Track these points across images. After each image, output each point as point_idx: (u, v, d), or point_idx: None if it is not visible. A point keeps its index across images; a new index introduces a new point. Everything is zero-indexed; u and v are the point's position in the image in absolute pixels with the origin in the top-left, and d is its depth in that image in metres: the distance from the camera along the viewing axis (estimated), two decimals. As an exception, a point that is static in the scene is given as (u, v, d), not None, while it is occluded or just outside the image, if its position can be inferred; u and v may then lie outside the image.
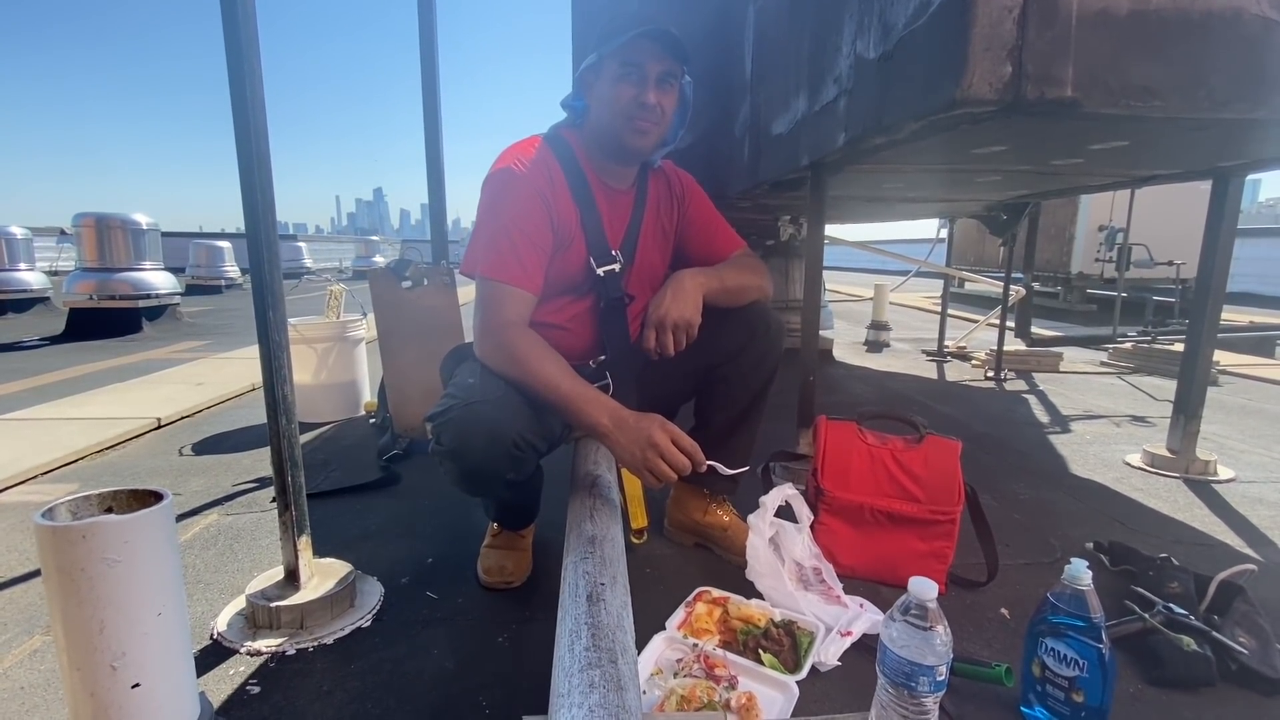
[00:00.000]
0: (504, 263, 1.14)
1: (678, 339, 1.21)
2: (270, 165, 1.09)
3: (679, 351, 1.23)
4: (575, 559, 0.88)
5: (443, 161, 2.64)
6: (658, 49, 1.15)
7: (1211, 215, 1.87)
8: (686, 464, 1.02)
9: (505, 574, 1.31)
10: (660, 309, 1.21)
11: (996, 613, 1.24)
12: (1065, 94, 1.01)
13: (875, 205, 2.99)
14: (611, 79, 1.17)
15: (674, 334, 1.20)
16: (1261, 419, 2.70)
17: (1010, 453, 2.24)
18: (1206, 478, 1.98)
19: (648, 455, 1.02)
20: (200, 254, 9.83)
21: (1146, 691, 1.03)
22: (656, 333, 1.21)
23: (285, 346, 1.11)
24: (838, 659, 1.07)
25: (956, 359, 4.04)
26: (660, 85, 1.18)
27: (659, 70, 1.17)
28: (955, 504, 1.29)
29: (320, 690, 1.00)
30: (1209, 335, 1.97)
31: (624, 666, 0.65)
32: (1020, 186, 2.43)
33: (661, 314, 1.20)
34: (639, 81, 1.16)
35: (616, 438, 1.05)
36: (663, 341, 1.21)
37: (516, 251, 1.14)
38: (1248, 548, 1.54)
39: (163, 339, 5.10)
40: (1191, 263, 2.46)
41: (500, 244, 1.14)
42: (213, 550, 1.47)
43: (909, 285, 7.36)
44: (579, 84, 1.25)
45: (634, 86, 1.16)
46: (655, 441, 1.02)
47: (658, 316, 1.21)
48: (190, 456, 2.14)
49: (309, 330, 2.47)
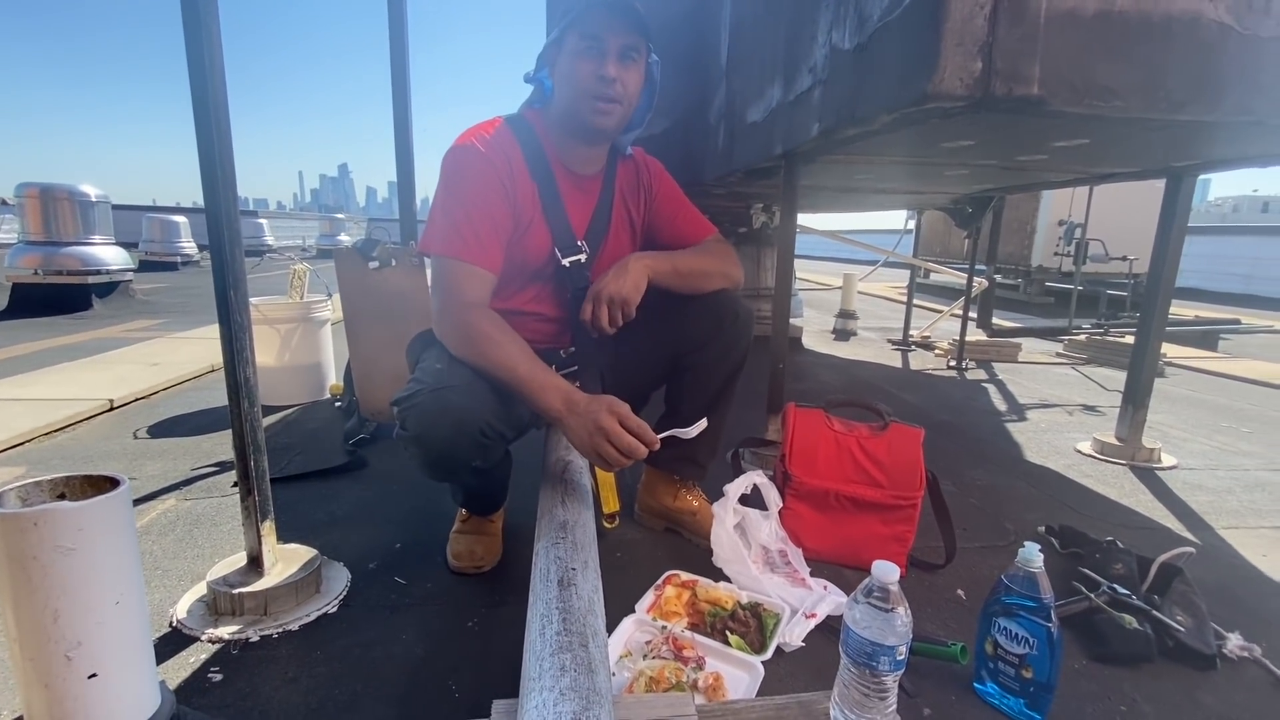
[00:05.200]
0: (462, 241, 1.11)
1: (612, 315, 1.20)
2: (230, 138, 1.05)
3: (616, 328, 1.22)
4: (547, 544, 0.88)
5: (411, 136, 2.56)
6: (617, 22, 1.11)
7: (1164, 212, 1.95)
8: (636, 446, 0.98)
9: (475, 559, 1.31)
10: (599, 284, 1.21)
11: (953, 593, 1.29)
12: (1032, 92, 1.04)
13: (846, 196, 3.03)
14: (571, 53, 1.14)
15: (609, 309, 1.19)
16: (1203, 409, 2.83)
17: (969, 440, 2.31)
18: (1151, 465, 2.08)
19: (595, 440, 0.99)
20: (154, 228, 9.42)
21: (1090, 667, 1.08)
22: (593, 306, 1.20)
23: (247, 327, 1.08)
24: (802, 640, 1.10)
25: (921, 348, 4.13)
26: (622, 59, 1.13)
27: (620, 44, 1.12)
28: (917, 489, 1.33)
29: (285, 677, 0.99)
30: (1158, 329, 2.05)
31: (595, 650, 0.66)
32: (986, 181, 2.48)
33: (599, 288, 1.20)
34: (599, 55, 1.12)
35: (569, 422, 1.02)
36: (597, 315, 1.20)
37: (475, 229, 1.12)
38: (1187, 532, 1.63)
39: (114, 317, 4.90)
40: (1144, 258, 2.55)
41: (458, 222, 1.12)
42: (171, 536, 1.43)
43: (876, 275, 7.48)
44: (542, 60, 1.22)
45: (593, 61, 1.12)
46: (602, 425, 0.98)
47: (594, 290, 1.20)
48: (145, 439, 2.08)
49: (272, 310, 2.40)
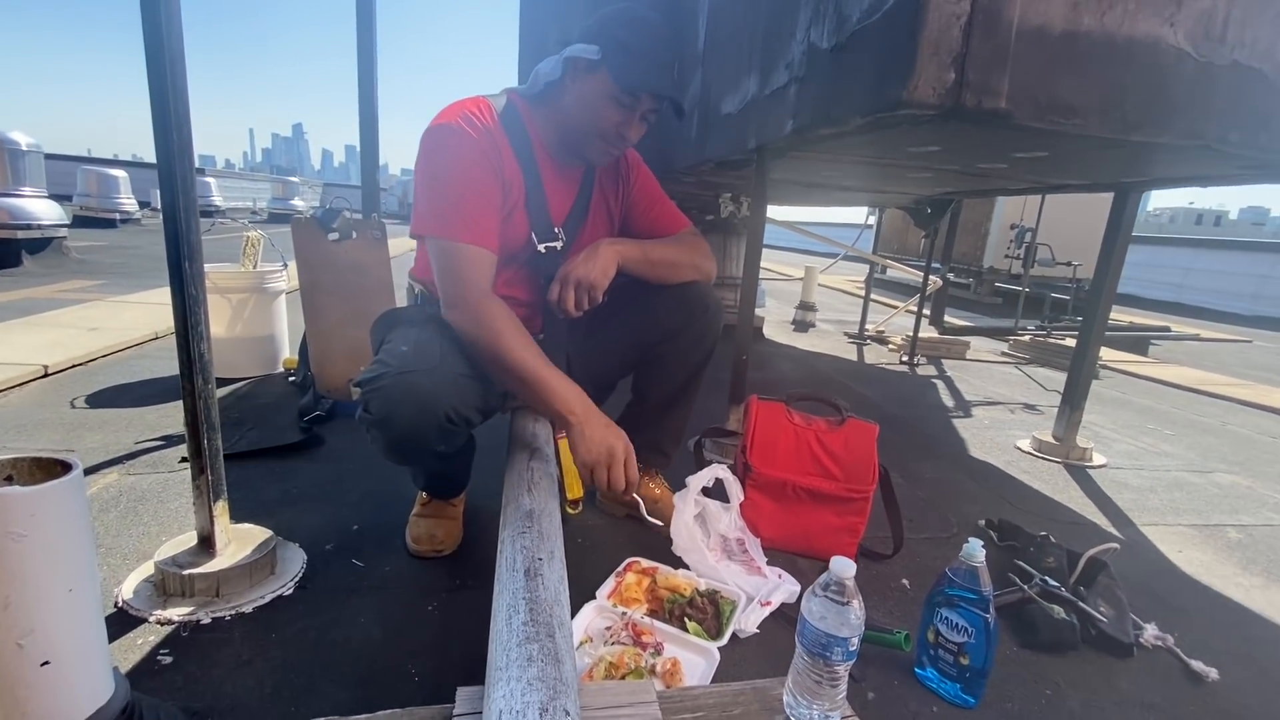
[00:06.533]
0: (463, 222, 1.09)
1: (579, 298, 1.20)
2: (187, 95, 0.99)
3: (582, 312, 1.22)
4: (512, 533, 0.88)
5: (376, 98, 2.47)
6: (660, 90, 1.15)
7: (1110, 225, 2.05)
8: (623, 485, 1.10)
9: (435, 543, 1.30)
10: (567, 266, 1.21)
11: (899, 583, 1.35)
12: (999, 105, 1.08)
13: (812, 191, 3.07)
14: (605, 94, 1.13)
15: (576, 292, 1.20)
16: (1132, 411, 3.01)
17: (918, 434, 2.41)
18: (1083, 463, 2.21)
19: (605, 456, 1.08)
20: (90, 182, 8.81)
21: (1020, 653, 1.16)
22: (560, 288, 1.21)
23: (202, 301, 1.04)
24: (757, 627, 1.14)
25: (875, 342, 4.25)
26: (642, 120, 1.18)
27: (650, 108, 1.17)
28: (870, 483, 1.39)
29: (239, 659, 0.97)
30: (1098, 334, 2.17)
31: (561, 640, 0.67)
32: (947, 184, 2.56)
33: (566, 271, 1.20)
34: (629, 112, 1.15)
35: (582, 428, 1.08)
36: (563, 297, 1.20)
37: (472, 209, 1.10)
38: (1113, 528, 1.74)
39: (47, 275, 4.61)
40: (1087, 263, 2.69)
41: (456, 202, 1.09)
42: (114, 513, 1.37)
43: (836, 269, 7.63)
44: (566, 64, 1.16)
45: (622, 114, 1.15)
46: (615, 452, 1.09)
47: (563, 273, 1.21)
48: (84, 409, 1.98)
49: (223, 279, 2.30)
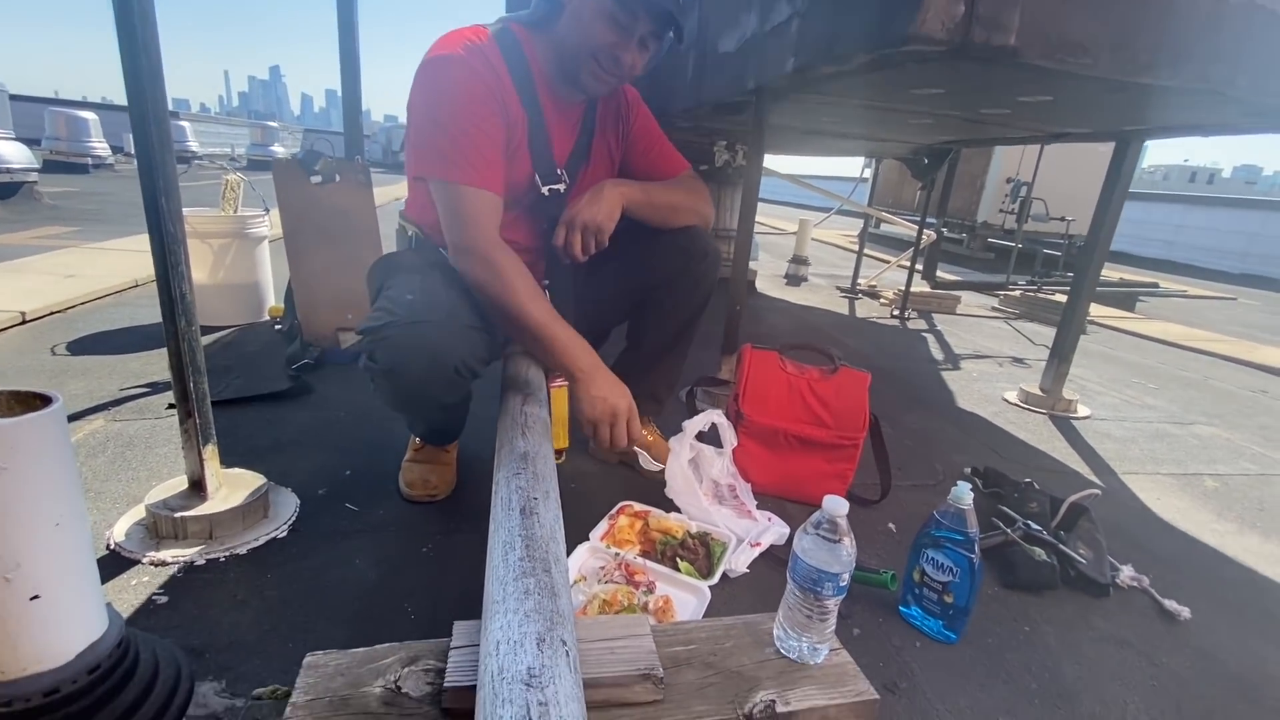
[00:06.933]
0: (470, 163, 1.04)
1: (585, 242, 1.17)
2: (155, 23, 0.94)
3: (590, 257, 1.20)
4: (507, 474, 0.88)
5: (357, 39, 2.35)
6: (656, 9, 1.07)
7: (1110, 174, 2.02)
8: (625, 442, 1.11)
9: (429, 488, 1.31)
10: (573, 208, 1.17)
11: (885, 527, 1.38)
12: (1008, 42, 1.04)
13: (810, 139, 3.00)
14: (599, 11, 1.07)
15: (582, 236, 1.17)
16: (1118, 365, 3.05)
17: (907, 385, 2.43)
18: (1068, 415, 2.24)
19: (607, 417, 1.08)
20: (59, 124, 8.43)
21: (1001, 593, 1.19)
22: (566, 232, 1.17)
23: (182, 240, 1.01)
24: (746, 567, 1.16)
25: (868, 296, 4.25)
26: (641, 45, 1.12)
27: (647, 30, 1.10)
28: (860, 430, 1.40)
29: (235, 599, 0.98)
30: (1089, 289, 2.17)
31: (557, 575, 0.68)
32: (947, 132, 2.51)
33: (572, 214, 1.17)
34: (624, 33, 1.08)
35: (588, 385, 1.08)
36: (570, 242, 1.17)
37: (477, 148, 1.05)
38: (1094, 476, 1.78)
39: (18, 222, 4.46)
40: (1081, 219, 2.67)
41: (460, 141, 1.04)
42: (102, 458, 1.36)
43: (829, 223, 7.55)
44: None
45: (617, 35, 1.08)
46: (620, 410, 1.08)
47: (568, 216, 1.17)
48: (65, 356, 1.94)
49: (203, 223, 2.23)
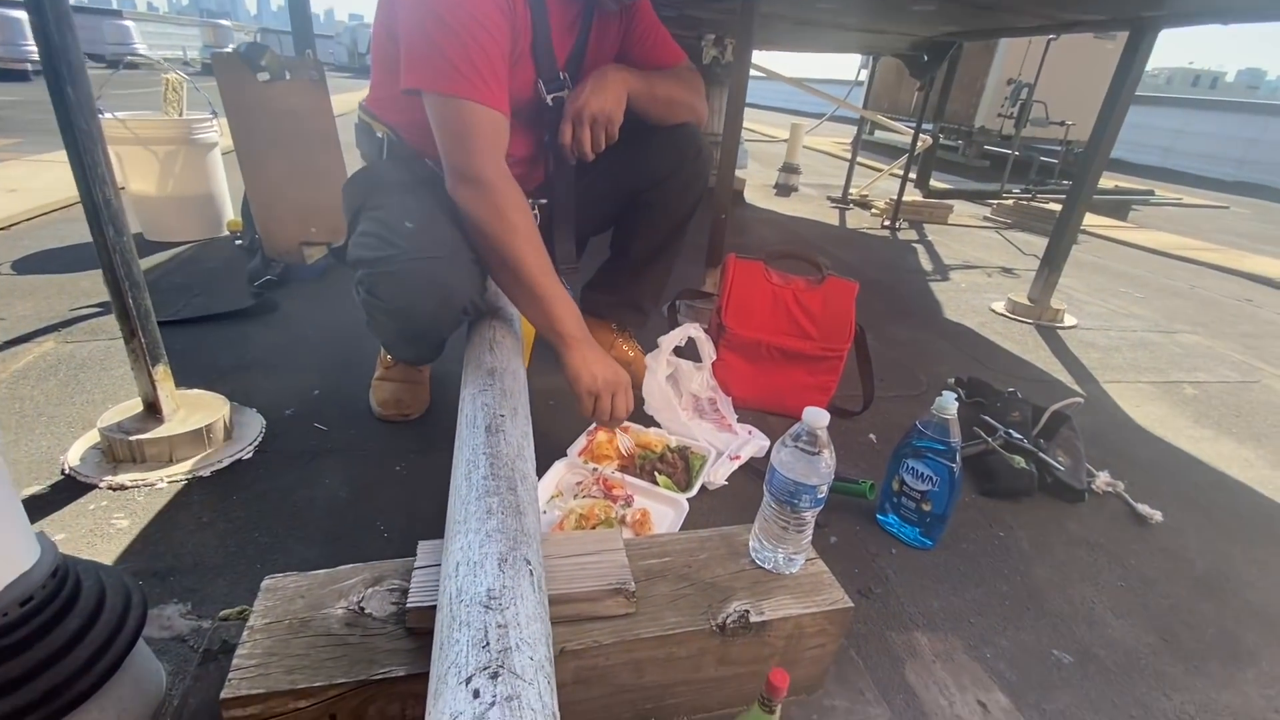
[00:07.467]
0: (477, 75, 0.90)
1: (595, 136, 1.06)
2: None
3: (598, 154, 1.08)
4: (473, 391, 0.84)
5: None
6: None
7: (1120, 67, 1.89)
8: (624, 415, 1.05)
9: (402, 407, 1.26)
10: (579, 99, 1.04)
11: (866, 437, 1.37)
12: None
13: (803, 29, 2.79)
14: None
15: (592, 129, 1.05)
16: (1106, 275, 3.02)
17: (895, 297, 2.38)
18: (1054, 324, 2.22)
19: (603, 387, 1.01)
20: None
21: (978, 500, 1.20)
22: (574, 127, 1.05)
23: (98, 137, 0.89)
24: (726, 479, 1.15)
25: (859, 207, 4.12)
26: None
27: None
28: (845, 341, 1.36)
29: (200, 522, 0.95)
30: (1087, 197, 2.09)
31: (524, 493, 0.65)
32: (951, 22, 2.33)
33: (580, 104, 1.04)
34: None
35: (579, 352, 1.00)
36: (579, 138, 1.06)
37: (485, 58, 0.90)
38: (1077, 384, 1.78)
39: (-50, 132, 4.13)
40: (1081, 123, 2.54)
41: (466, 48, 0.89)
42: (53, 380, 1.30)
43: (821, 130, 7.24)
44: None
45: None
46: (616, 383, 1.02)
47: (575, 108, 1.04)
48: (10, 275, 1.83)
49: (144, 128, 2.05)
